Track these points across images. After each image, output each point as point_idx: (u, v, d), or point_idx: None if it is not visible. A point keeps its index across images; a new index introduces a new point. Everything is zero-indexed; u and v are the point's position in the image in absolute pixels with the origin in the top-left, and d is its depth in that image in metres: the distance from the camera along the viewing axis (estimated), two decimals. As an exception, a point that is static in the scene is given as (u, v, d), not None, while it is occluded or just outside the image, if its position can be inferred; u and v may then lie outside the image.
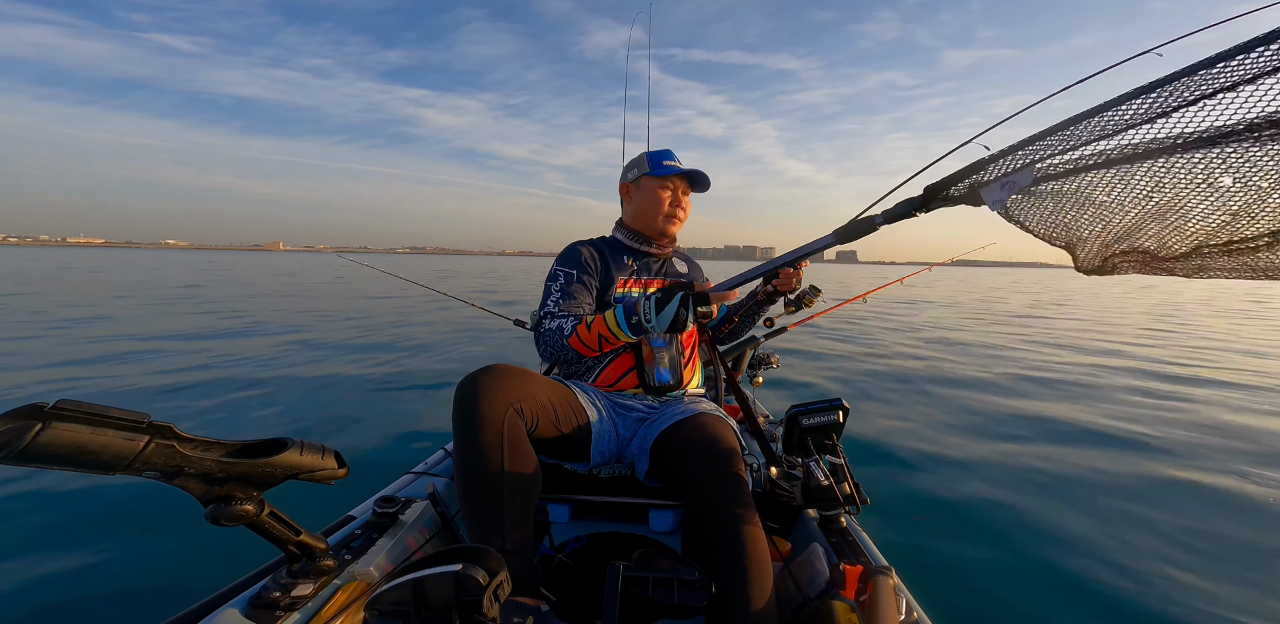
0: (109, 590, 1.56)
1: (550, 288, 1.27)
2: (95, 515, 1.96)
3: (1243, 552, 1.78)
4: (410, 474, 1.35)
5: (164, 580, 1.60)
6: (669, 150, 1.38)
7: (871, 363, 5.10)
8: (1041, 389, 4.07)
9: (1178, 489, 2.27)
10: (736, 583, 0.82)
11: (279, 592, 0.77)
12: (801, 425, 1.12)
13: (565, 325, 1.15)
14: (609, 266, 1.31)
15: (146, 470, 0.57)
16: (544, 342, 1.19)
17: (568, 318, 1.17)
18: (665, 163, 1.33)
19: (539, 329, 1.21)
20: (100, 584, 1.59)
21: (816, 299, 1.57)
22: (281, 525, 0.75)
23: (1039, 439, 2.91)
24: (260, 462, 0.65)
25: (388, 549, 0.95)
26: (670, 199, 1.33)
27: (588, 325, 1.12)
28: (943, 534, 1.88)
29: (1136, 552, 1.77)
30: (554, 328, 1.17)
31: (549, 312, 1.22)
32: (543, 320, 1.21)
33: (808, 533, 1.12)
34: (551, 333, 1.17)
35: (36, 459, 0.50)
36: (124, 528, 1.88)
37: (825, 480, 1.02)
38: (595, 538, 1.18)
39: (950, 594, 1.51)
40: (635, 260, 1.35)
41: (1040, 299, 15.26)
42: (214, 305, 9.10)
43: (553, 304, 1.23)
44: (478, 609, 0.61)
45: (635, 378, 1.24)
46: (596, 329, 1.11)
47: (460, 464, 0.92)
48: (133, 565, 1.68)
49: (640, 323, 1.05)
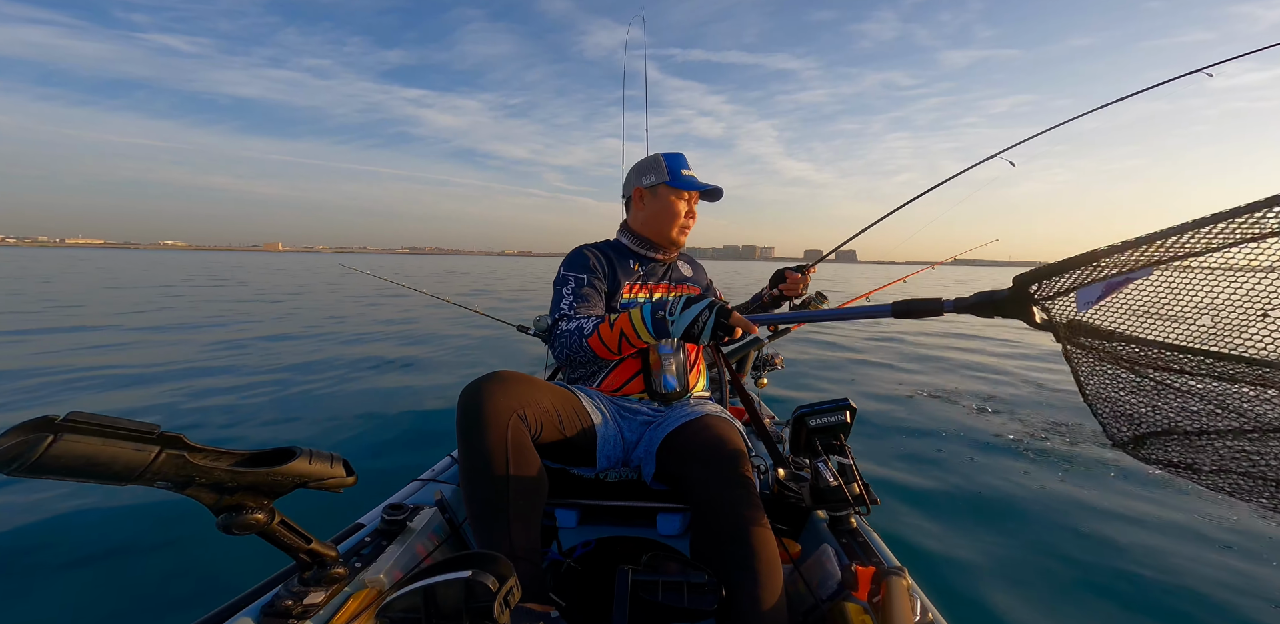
0: (124, 598, 1.56)
1: (561, 292, 1.25)
2: (105, 525, 1.97)
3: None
4: (418, 481, 1.35)
5: (178, 589, 1.61)
6: (681, 155, 1.36)
7: (871, 361, 5.09)
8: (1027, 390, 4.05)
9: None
10: (747, 585, 0.81)
11: (291, 600, 0.78)
12: (809, 426, 1.12)
13: (586, 325, 1.13)
14: (615, 271, 1.30)
15: (158, 481, 0.58)
16: (560, 342, 1.16)
17: (588, 318, 1.16)
18: (684, 172, 1.32)
19: (554, 331, 1.19)
20: (114, 592, 1.59)
21: (823, 305, 1.56)
22: (292, 534, 0.75)
23: (1064, 436, 2.89)
24: (269, 471, 0.66)
25: (397, 556, 0.95)
26: (686, 211, 1.33)
27: (610, 323, 1.10)
28: (957, 533, 1.86)
29: (1157, 552, 1.75)
30: (572, 328, 1.15)
31: (564, 314, 1.21)
32: (558, 322, 1.20)
33: (817, 534, 1.11)
34: (570, 333, 1.14)
35: (48, 471, 0.50)
36: (136, 539, 1.89)
37: (834, 481, 1.02)
38: (603, 542, 1.18)
39: (966, 594, 1.50)
40: (641, 265, 1.35)
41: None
42: (213, 306, 9.15)
43: (567, 307, 1.22)
44: (488, 615, 0.61)
45: (640, 383, 1.23)
46: (620, 326, 1.08)
47: (465, 471, 0.92)
48: (146, 573, 1.69)
49: (664, 318, 1.03)
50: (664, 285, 1.37)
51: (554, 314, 1.24)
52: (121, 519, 2.02)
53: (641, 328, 1.06)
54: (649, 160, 1.36)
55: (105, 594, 1.59)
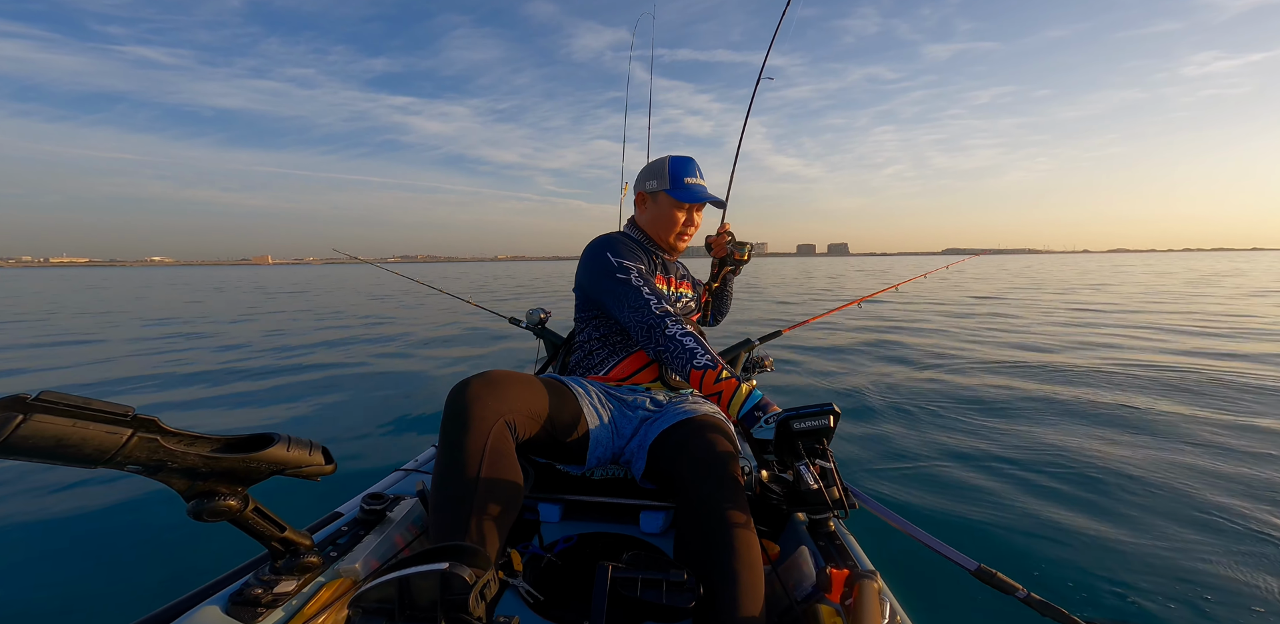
0: (83, 588, 1.54)
1: (628, 281, 1.17)
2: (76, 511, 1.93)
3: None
4: (399, 471, 1.34)
5: (143, 576, 1.58)
6: (692, 161, 1.32)
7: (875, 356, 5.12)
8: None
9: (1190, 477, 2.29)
10: (727, 586, 0.81)
11: (261, 588, 0.76)
12: (792, 429, 1.12)
13: (699, 355, 1.04)
14: (645, 258, 1.31)
15: (129, 464, 0.57)
16: (668, 347, 1.08)
17: (704, 349, 1.06)
18: (687, 180, 1.30)
19: (664, 329, 1.10)
20: (76, 582, 1.57)
21: (745, 250, 1.54)
22: (265, 521, 0.74)
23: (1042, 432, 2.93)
24: (245, 457, 0.65)
25: (374, 546, 0.94)
26: (685, 220, 1.32)
27: (718, 377, 1.02)
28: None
29: (1135, 556, 1.78)
30: (688, 346, 1.06)
31: (665, 310, 1.13)
32: (664, 320, 1.11)
33: (796, 536, 1.12)
34: (684, 349, 1.06)
35: (16, 452, 0.49)
36: (105, 525, 1.86)
37: (815, 485, 1.02)
38: (585, 538, 1.18)
39: (936, 598, 1.52)
40: (647, 257, 1.35)
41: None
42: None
43: (658, 300, 1.15)
44: (463, 608, 0.60)
45: (649, 373, 1.25)
46: (721, 389, 1.01)
47: (438, 468, 0.90)
48: (111, 563, 1.66)
49: (757, 416, 0.98)
50: (669, 278, 1.39)
51: (645, 306, 1.14)
52: (89, 501, 1.98)
53: (736, 407, 1.01)
54: (657, 164, 1.35)
55: (68, 581, 1.57)
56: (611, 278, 1.19)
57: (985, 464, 2.47)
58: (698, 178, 1.32)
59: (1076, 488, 2.22)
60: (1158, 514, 2.01)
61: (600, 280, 1.22)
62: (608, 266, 1.21)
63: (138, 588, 1.53)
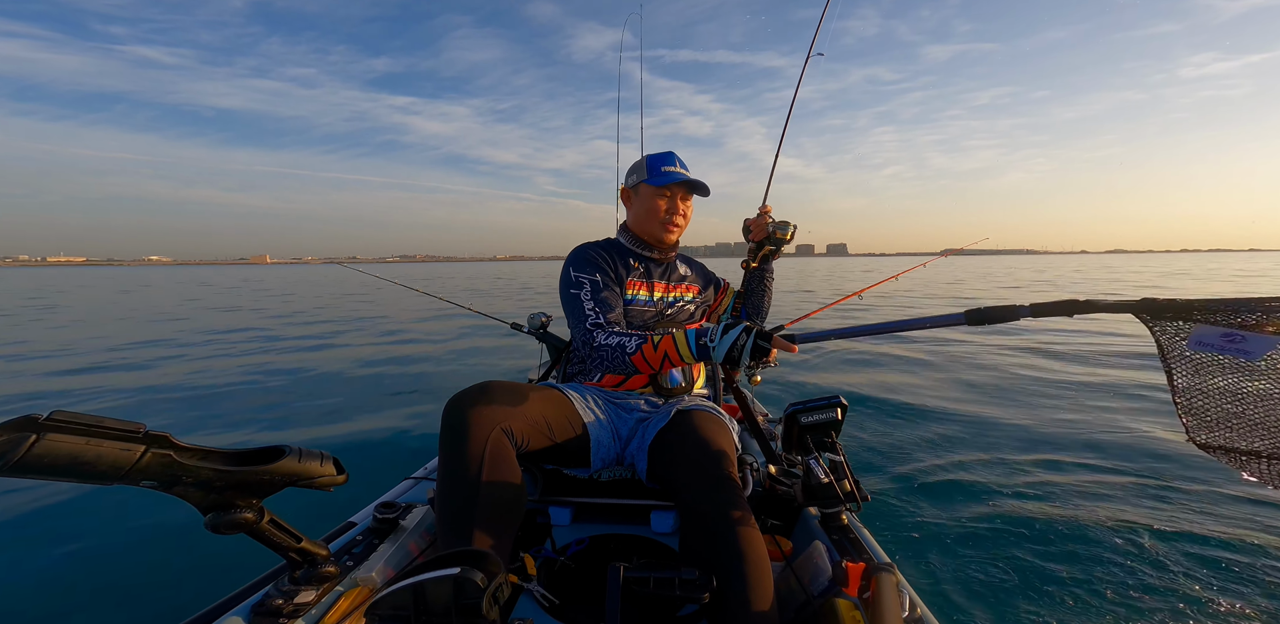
0: (111, 598, 1.55)
1: (579, 297, 1.21)
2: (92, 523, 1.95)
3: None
4: (410, 480, 1.35)
5: (167, 589, 1.60)
6: (671, 153, 1.33)
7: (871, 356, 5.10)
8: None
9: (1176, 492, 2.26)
10: (736, 587, 0.81)
11: (281, 599, 0.77)
12: (800, 423, 1.12)
13: (629, 343, 1.10)
14: (618, 267, 1.30)
15: (144, 480, 0.57)
16: (601, 356, 1.12)
17: (630, 336, 1.11)
18: (664, 168, 1.30)
19: (591, 342, 1.14)
20: (103, 592, 1.59)
21: (789, 230, 1.47)
22: (282, 533, 0.75)
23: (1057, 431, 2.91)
24: (258, 469, 0.65)
25: (389, 554, 0.95)
26: (667, 207, 1.30)
27: (654, 345, 1.07)
28: (946, 530, 1.87)
29: (1143, 550, 1.77)
30: (614, 344, 1.11)
31: (595, 323, 1.16)
32: (593, 333, 1.14)
33: (809, 531, 1.12)
34: (612, 349, 1.11)
35: (32, 471, 0.50)
36: (125, 536, 1.88)
37: (825, 478, 1.02)
38: (596, 540, 1.18)
39: (953, 590, 1.51)
40: (640, 263, 1.34)
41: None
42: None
43: (595, 315, 1.17)
44: (477, 612, 0.60)
45: (642, 378, 1.24)
46: (664, 348, 1.06)
47: (440, 480, 0.91)
48: (134, 572, 1.68)
49: (706, 344, 1.01)
50: (661, 284, 1.36)
51: (582, 321, 1.17)
52: (107, 516, 2.01)
53: (686, 352, 1.04)
54: (637, 161, 1.37)
55: (89, 593, 1.58)
56: (566, 293, 1.23)
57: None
58: (676, 166, 1.32)
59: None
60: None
61: (561, 294, 1.25)
62: (566, 280, 1.24)
63: (163, 600, 1.55)
